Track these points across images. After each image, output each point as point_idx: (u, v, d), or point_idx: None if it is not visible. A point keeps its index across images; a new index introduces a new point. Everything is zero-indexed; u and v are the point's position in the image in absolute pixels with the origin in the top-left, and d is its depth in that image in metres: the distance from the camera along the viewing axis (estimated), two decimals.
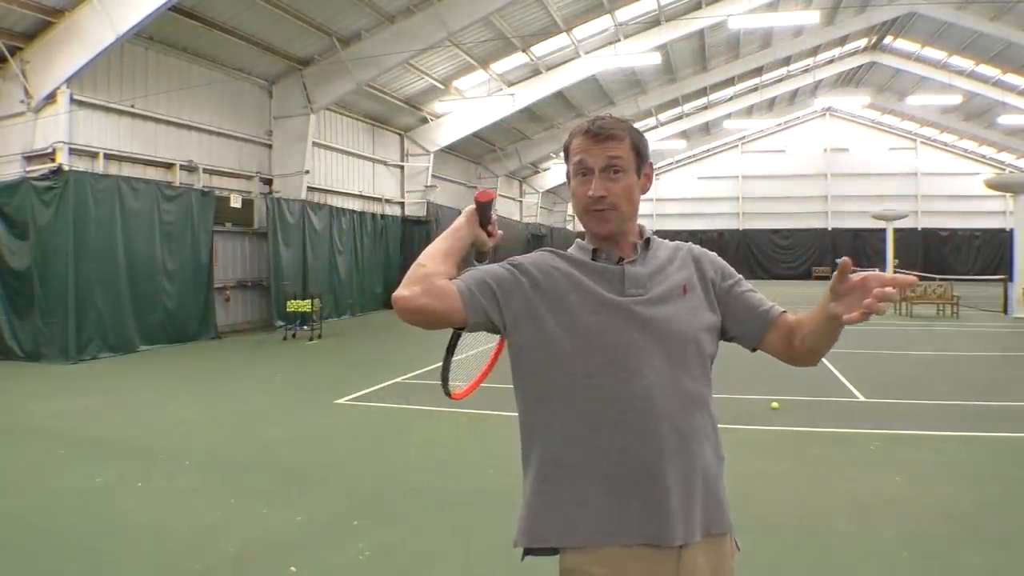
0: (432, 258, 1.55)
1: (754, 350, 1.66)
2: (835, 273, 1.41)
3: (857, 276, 1.39)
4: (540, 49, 20.15)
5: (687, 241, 1.75)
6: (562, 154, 1.68)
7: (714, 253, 1.68)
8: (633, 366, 1.47)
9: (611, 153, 1.52)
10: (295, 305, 13.82)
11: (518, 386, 1.60)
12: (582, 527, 1.45)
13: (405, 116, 21.70)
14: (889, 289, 1.31)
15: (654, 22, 20.03)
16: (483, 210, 1.65)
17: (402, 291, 1.47)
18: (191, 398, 8.12)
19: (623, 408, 1.46)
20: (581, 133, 1.56)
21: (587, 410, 1.48)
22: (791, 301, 21.66)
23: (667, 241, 1.69)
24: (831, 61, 30.43)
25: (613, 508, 1.44)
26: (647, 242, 1.60)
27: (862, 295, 1.36)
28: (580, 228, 1.65)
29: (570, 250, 1.63)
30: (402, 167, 22.91)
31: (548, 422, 1.52)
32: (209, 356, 11.71)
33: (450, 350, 1.64)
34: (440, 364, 1.65)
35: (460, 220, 1.64)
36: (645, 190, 1.61)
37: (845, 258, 1.40)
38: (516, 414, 1.67)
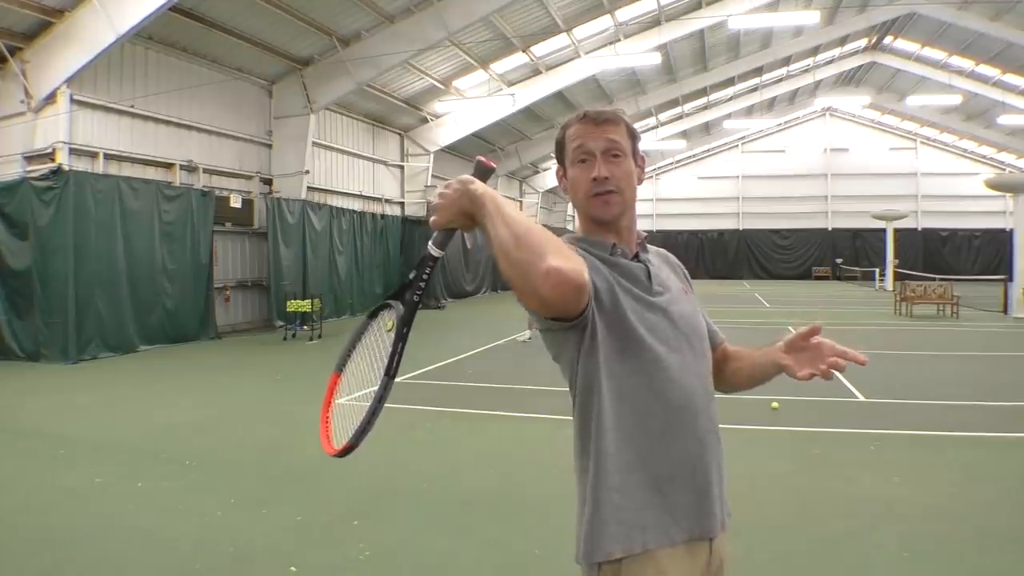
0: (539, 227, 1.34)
1: None
2: (801, 331, 1.49)
3: (815, 340, 1.48)
4: (540, 49, 20.15)
5: (686, 240, 1.75)
6: (554, 151, 1.63)
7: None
8: (676, 363, 1.48)
9: (611, 136, 1.52)
10: (295, 305, 13.82)
11: (597, 378, 1.44)
12: (638, 530, 1.40)
13: (405, 116, 21.70)
14: (841, 361, 1.43)
15: (654, 22, 20.03)
16: (486, 177, 1.39)
17: (561, 263, 1.23)
18: (191, 398, 8.11)
19: (673, 406, 1.46)
20: (577, 120, 1.56)
21: (644, 409, 1.45)
22: (791, 301, 21.42)
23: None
24: (831, 61, 30.44)
25: (665, 506, 1.43)
26: (647, 238, 1.64)
27: (814, 356, 1.47)
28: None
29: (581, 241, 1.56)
30: (402, 167, 22.91)
31: (615, 420, 1.44)
32: (209, 356, 11.70)
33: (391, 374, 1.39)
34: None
35: (487, 188, 1.36)
36: (640, 180, 1.60)
37: (818, 323, 1.48)
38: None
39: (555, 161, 1.63)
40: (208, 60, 14.37)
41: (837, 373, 1.41)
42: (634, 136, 1.57)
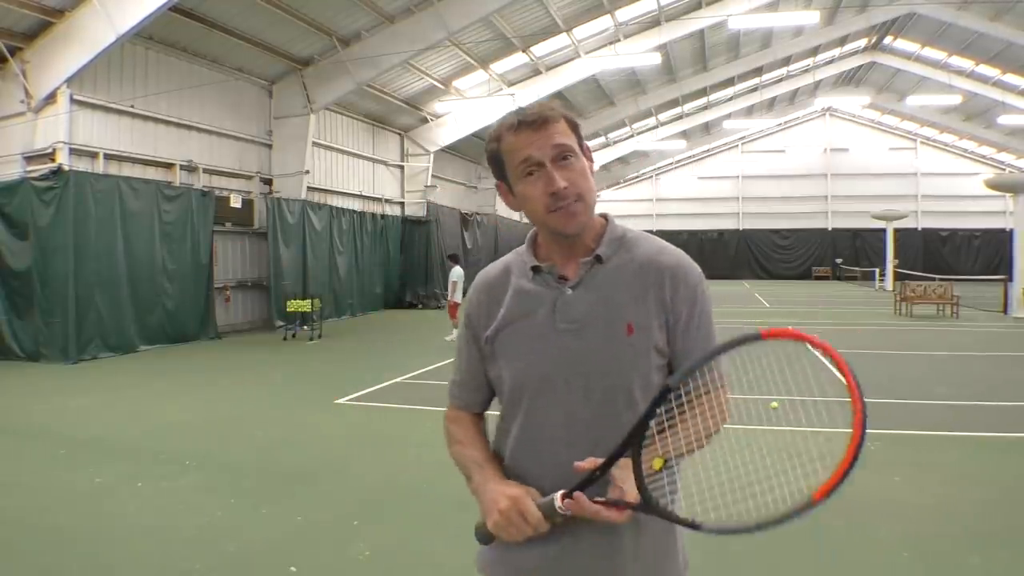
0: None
1: None
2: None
3: (617, 482, 1.22)
4: (540, 49, 20.16)
5: (686, 240, 1.63)
6: (489, 167, 1.44)
7: (696, 278, 1.40)
8: (550, 415, 1.35)
9: (556, 141, 1.31)
10: (295, 305, 13.82)
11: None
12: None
13: (405, 116, 21.71)
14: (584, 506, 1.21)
15: (654, 22, 20.04)
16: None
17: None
18: (191, 398, 8.12)
19: (539, 464, 1.35)
20: (512, 129, 1.33)
21: (515, 455, 1.41)
22: (791, 301, 21.38)
23: (641, 248, 1.40)
24: (831, 61, 30.44)
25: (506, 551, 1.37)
26: (597, 258, 1.37)
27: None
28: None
29: (514, 260, 1.46)
30: (402, 167, 22.92)
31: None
32: (209, 356, 11.70)
33: None
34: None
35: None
36: (593, 173, 1.40)
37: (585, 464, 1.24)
38: None
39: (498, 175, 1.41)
40: (208, 60, 14.38)
41: (838, 374, 1.36)
42: (576, 128, 1.37)
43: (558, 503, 1.23)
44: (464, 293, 13.43)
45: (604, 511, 1.21)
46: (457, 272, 13.52)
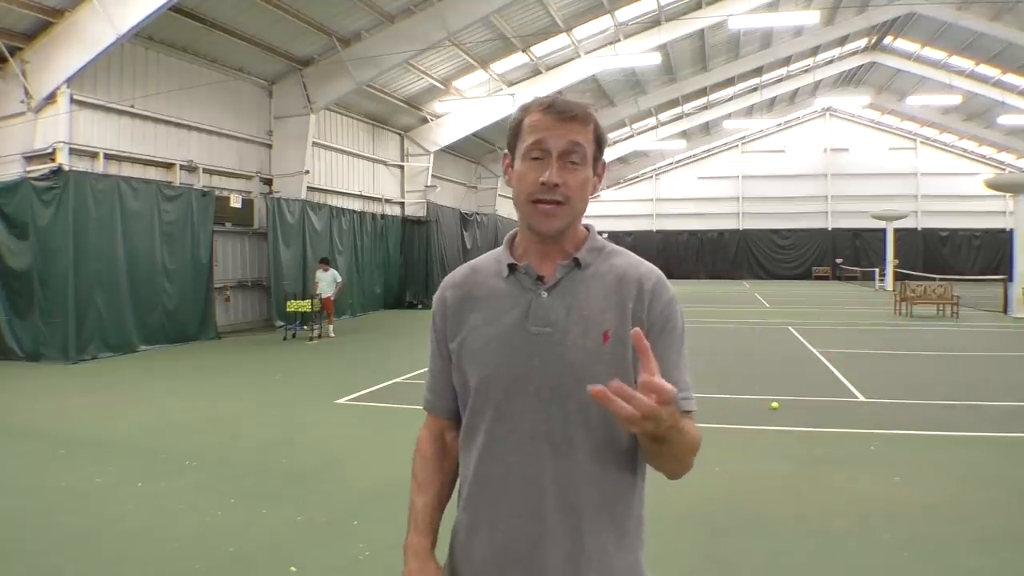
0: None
1: None
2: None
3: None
4: (540, 49, 20.16)
5: (686, 240, 1.59)
6: (508, 135, 1.38)
7: (671, 295, 1.34)
8: (517, 421, 1.28)
9: (575, 137, 1.28)
10: (295, 305, 13.82)
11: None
12: None
13: (405, 116, 21.71)
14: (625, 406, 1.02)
15: (654, 22, 20.04)
16: None
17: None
18: (191, 398, 8.11)
19: (505, 471, 1.29)
20: (540, 109, 1.30)
21: (481, 462, 1.32)
22: (792, 301, 21.37)
23: (620, 259, 1.37)
24: (831, 61, 30.44)
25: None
26: (576, 262, 1.33)
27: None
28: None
29: (485, 261, 1.44)
30: (402, 167, 22.91)
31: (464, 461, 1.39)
32: (209, 356, 11.70)
33: None
34: None
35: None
36: (596, 191, 1.36)
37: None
38: None
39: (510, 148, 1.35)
40: (208, 60, 14.38)
41: (838, 374, 1.34)
42: (600, 141, 1.34)
43: None
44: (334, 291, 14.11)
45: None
46: (333, 275, 14.24)
